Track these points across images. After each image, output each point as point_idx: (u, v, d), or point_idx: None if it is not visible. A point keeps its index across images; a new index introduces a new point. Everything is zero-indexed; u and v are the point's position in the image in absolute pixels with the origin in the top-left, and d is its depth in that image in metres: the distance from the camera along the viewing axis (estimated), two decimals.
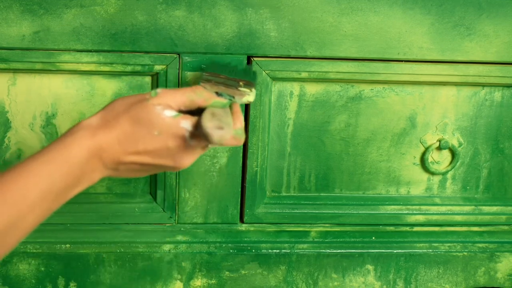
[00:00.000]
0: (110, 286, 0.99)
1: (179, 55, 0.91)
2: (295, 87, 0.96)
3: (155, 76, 0.92)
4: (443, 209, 1.03)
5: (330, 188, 1.02)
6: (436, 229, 1.04)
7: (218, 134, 0.70)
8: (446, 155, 1.02)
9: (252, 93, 0.84)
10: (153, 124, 0.72)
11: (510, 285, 1.07)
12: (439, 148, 1.01)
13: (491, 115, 1.01)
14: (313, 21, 0.91)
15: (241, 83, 0.84)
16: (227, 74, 0.85)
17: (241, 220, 1.00)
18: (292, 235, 1.02)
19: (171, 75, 0.91)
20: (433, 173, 1.03)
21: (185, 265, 0.99)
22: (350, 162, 1.00)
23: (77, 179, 0.71)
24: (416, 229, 1.04)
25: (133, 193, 0.98)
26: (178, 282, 1.00)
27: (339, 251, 1.02)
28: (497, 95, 1.00)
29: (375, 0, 0.91)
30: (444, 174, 1.03)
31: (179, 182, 0.97)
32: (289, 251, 1.01)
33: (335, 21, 0.91)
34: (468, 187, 1.05)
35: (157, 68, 0.91)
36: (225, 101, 0.80)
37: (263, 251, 1.01)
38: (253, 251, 1.00)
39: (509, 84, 0.99)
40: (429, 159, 1.01)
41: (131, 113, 0.72)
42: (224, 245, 1.00)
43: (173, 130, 0.73)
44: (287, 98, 0.96)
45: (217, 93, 0.81)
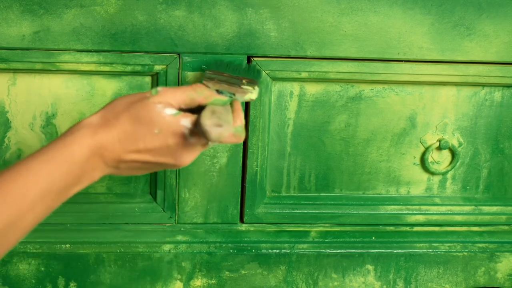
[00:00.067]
0: (110, 286, 0.99)
1: (179, 55, 0.91)
2: (295, 87, 0.96)
3: (155, 76, 0.92)
4: (443, 209, 1.03)
5: (330, 188, 1.02)
6: (436, 229, 1.04)
7: (216, 131, 0.70)
8: (446, 155, 1.02)
9: (255, 91, 0.84)
10: (154, 122, 0.72)
11: (510, 285, 1.07)
12: (439, 148, 1.00)
13: (491, 115, 1.01)
14: (313, 21, 0.91)
15: (244, 81, 0.84)
16: (231, 72, 0.85)
17: (241, 220, 1.00)
18: (292, 235, 1.02)
19: (171, 75, 0.91)
20: (433, 173, 1.03)
21: (185, 265, 0.99)
22: (350, 162, 1.00)
23: (78, 178, 0.71)
24: (416, 229, 1.04)
25: (133, 193, 0.98)
26: (178, 282, 1.00)
27: (339, 251, 1.02)
28: (497, 95, 1.00)
29: (375, 0, 0.91)
30: (444, 174, 1.03)
31: (179, 182, 0.97)
32: (289, 251, 1.01)
33: (335, 21, 0.91)
34: (468, 187, 1.05)
35: (157, 68, 0.91)
36: (225, 98, 0.80)
37: (263, 251, 1.01)
38: (253, 251, 1.00)
39: (509, 84, 0.99)
40: (429, 159, 1.01)
41: (132, 112, 0.72)
42: (224, 245, 1.00)
43: (173, 128, 0.73)
44: (287, 98, 0.96)
45: (217, 91, 0.81)
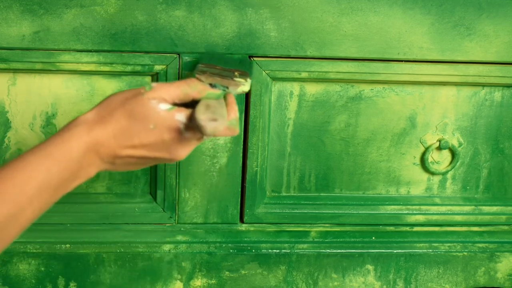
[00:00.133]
0: (110, 286, 0.99)
1: (179, 55, 0.91)
2: (295, 87, 0.96)
3: (155, 76, 0.92)
4: (443, 209, 1.03)
5: (330, 188, 1.02)
6: (436, 229, 1.04)
7: (211, 126, 0.71)
8: (446, 155, 1.02)
9: (247, 83, 0.84)
10: (148, 117, 0.73)
11: (510, 285, 1.07)
12: (439, 148, 1.00)
13: (491, 115, 1.01)
14: (313, 21, 0.91)
15: (236, 73, 0.84)
16: (223, 65, 0.85)
17: (241, 220, 1.00)
18: (292, 235, 1.02)
19: (171, 75, 0.91)
20: (433, 173, 1.03)
21: (185, 265, 0.99)
22: (350, 162, 1.00)
23: (74, 174, 0.71)
24: (416, 229, 1.04)
25: (133, 193, 0.98)
26: (178, 282, 1.00)
27: (339, 251, 1.02)
28: (497, 95, 1.00)
29: (375, 0, 0.91)
30: (444, 174, 1.03)
31: (179, 182, 0.97)
32: (289, 251, 1.01)
33: (335, 21, 0.91)
34: (468, 187, 1.05)
35: (157, 68, 0.91)
36: (219, 92, 0.80)
37: (263, 251, 1.01)
38: (253, 251, 1.00)
39: (509, 84, 0.99)
40: (429, 159, 1.01)
41: (126, 108, 0.73)
42: (224, 245, 1.00)
43: (168, 123, 0.73)
44: (287, 98, 0.96)
45: (211, 84, 0.80)
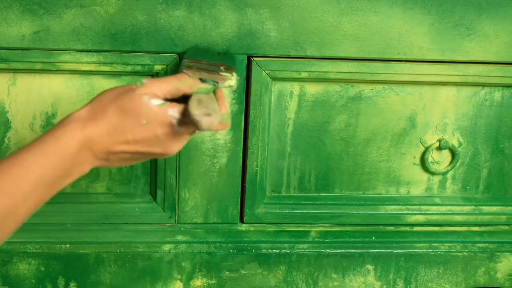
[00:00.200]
0: (110, 286, 0.99)
1: (179, 55, 0.91)
2: (295, 87, 0.96)
3: (155, 76, 0.92)
4: (443, 209, 1.03)
5: (330, 188, 1.02)
6: (436, 229, 1.04)
7: (206, 120, 0.71)
8: (446, 155, 1.02)
9: (233, 77, 0.84)
10: (141, 113, 0.73)
11: (510, 285, 1.07)
12: (439, 148, 1.00)
13: (491, 115, 1.01)
14: (313, 21, 0.91)
15: (221, 67, 0.84)
16: (208, 59, 0.85)
17: (241, 220, 1.00)
18: (292, 235, 1.01)
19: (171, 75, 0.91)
20: (433, 173, 1.02)
21: (185, 265, 0.99)
22: (350, 162, 1.00)
23: (68, 170, 0.72)
24: (416, 229, 1.04)
25: (133, 193, 0.98)
26: (178, 282, 1.00)
27: (339, 251, 1.02)
28: (497, 95, 1.00)
29: (375, 0, 0.91)
30: (444, 174, 1.03)
31: (179, 182, 0.97)
32: (289, 251, 1.01)
33: (335, 21, 0.91)
34: (468, 187, 1.04)
35: (157, 68, 0.91)
36: (209, 87, 0.80)
37: (263, 251, 1.01)
38: (253, 251, 1.00)
39: (509, 84, 0.99)
40: (429, 159, 1.01)
41: (118, 104, 0.73)
42: (224, 245, 1.00)
43: (161, 118, 0.73)
44: (287, 98, 0.96)
45: (201, 79, 0.81)
